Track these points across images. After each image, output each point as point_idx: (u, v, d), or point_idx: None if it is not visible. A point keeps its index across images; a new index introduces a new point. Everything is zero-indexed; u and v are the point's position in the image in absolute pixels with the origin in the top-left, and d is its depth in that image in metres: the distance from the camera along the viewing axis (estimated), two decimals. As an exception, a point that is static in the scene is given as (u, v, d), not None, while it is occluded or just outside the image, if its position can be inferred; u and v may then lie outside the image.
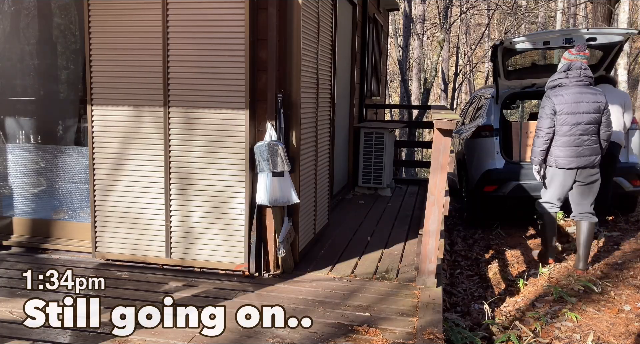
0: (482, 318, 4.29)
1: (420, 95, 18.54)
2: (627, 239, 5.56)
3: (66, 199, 4.65)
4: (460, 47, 25.61)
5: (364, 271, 4.24)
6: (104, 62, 4.11)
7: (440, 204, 3.79)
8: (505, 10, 21.66)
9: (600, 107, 4.59)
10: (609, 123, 4.69)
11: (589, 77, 4.66)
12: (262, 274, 4.10)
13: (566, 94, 4.61)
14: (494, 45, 6.44)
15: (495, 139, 6.54)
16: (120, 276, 4.01)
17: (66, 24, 4.69)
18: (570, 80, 4.65)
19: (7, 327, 3.14)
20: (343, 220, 5.87)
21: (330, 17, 5.14)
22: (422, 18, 19.71)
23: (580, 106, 4.57)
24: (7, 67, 4.69)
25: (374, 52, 9.00)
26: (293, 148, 4.08)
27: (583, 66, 4.65)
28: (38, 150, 4.72)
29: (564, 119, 4.59)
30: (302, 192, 4.31)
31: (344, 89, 6.94)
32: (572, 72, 4.65)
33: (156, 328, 3.13)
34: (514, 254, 5.83)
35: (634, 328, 3.77)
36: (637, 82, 17.56)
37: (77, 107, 4.67)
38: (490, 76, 21.24)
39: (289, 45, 3.97)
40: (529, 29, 22.90)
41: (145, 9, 3.99)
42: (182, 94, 4.01)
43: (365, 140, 7.33)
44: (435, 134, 3.72)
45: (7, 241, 4.62)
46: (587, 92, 4.60)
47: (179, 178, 4.09)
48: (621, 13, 10.91)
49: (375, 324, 3.26)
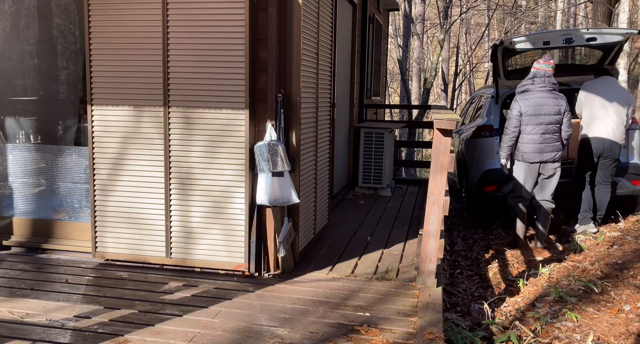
0: (482, 318, 4.29)
1: (420, 95, 18.55)
2: (627, 239, 5.56)
3: (66, 199, 4.65)
4: (460, 47, 25.62)
5: (364, 271, 4.24)
6: (104, 62, 4.11)
7: (440, 204, 3.79)
8: (505, 10, 21.66)
9: (561, 110, 5.32)
10: (570, 124, 5.40)
11: (553, 83, 5.38)
12: (262, 274, 4.11)
13: (531, 98, 5.37)
14: (494, 45, 6.44)
15: (495, 139, 6.55)
16: (120, 276, 4.01)
17: (66, 24, 4.69)
18: (536, 86, 5.39)
19: (7, 327, 3.14)
20: (343, 220, 5.87)
21: (330, 17, 5.14)
22: (422, 18, 19.71)
23: (543, 109, 5.31)
24: (7, 67, 4.69)
25: (374, 52, 9.00)
26: (293, 148, 4.08)
27: (547, 74, 5.38)
28: (38, 150, 4.73)
29: (528, 119, 5.35)
30: (302, 192, 4.31)
31: (344, 89, 6.95)
32: (538, 79, 5.39)
33: (156, 327, 3.14)
34: (514, 254, 5.83)
35: (634, 328, 3.77)
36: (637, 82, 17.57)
37: (77, 107, 4.67)
38: (490, 76, 21.25)
39: (289, 45, 3.97)
40: (529, 29, 22.90)
41: (145, 9, 3.99)
42: (182, 94, 4.01)
43: (365, 140, 7.33)
44: (435, 134, 3.72)
45: (7, 241, 4.63)
46: (550, 96, 5.34)
47: (179, 178, 4.09)
48: (621, 13, 10.91)
49: (375, 324, 3.26)
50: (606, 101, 5.92)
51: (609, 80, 6.13)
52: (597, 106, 5.95)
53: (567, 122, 5.39)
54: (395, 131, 8.59)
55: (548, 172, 5.47)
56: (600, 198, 6.11)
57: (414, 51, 20.84)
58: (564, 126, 5.39)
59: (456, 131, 7.95)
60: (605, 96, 5.94)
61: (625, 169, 6.29)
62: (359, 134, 7.35)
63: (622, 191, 6.29)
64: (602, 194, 6.10)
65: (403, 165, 12.22)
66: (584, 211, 6.05)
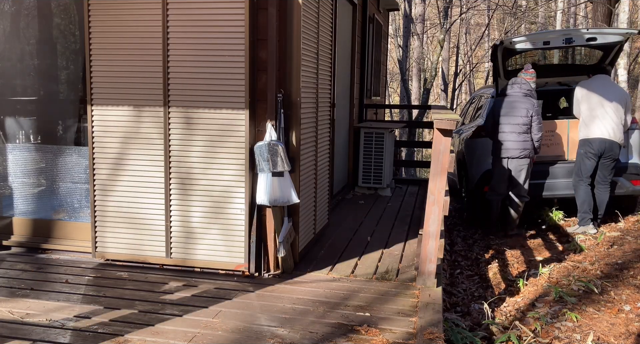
0: (482, 318, 4.29)
1: (420, 95, 18.55)
2: (627, 239, 5.56)
3: (66, 199, 4.65)
4: (460, 47, 25.61)
5: (364, 271, 4.24)
6: (104, 62, 4.11)
7: (440, 204, 3.79)
8: (505, 10, 21.66)
9: (529, 113, 5.98)
10: (539, 128, 6.01)
11: (527, 90, 6.07)
12: (262, 274, 4.10)
13: (506, 101, 6.12)
14: (494, 45, 6.45)
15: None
16: (120, 276, 4.01)
17: (66, 24, 4.69)
18: (512, 91, 6.13)
19: (7, 327, 3.14)
20: (343, 220, 5.87)
21: (330, 17, 5.14)
22: (422, 18, 19.70)
23: (514, 111, 6.02)
24: (7, 67, 4.69)
25: (374, 52, 9.00)
26: (293, 148, 4.08)
27: (523, 81, 6.12)
28: (38, 150, 4.72)
29: (501, 119, 6.09)
30: (302, 192, 4.31)
31: (344, 89, 6.95)
32: (515, 86, 6.14)
33: (156, 327, 3.14)
34: (514, 254, 5.83)
35: (634, 328, 3.77)
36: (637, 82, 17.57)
37: (77, 107, 4.67)
38: (490, 76, 21.24)
39: (289, 45, 3.97)
40: (529, 29, 22.90)
41: (145, 9, 3.99)
42: (182, 94, 4.01)
43: (365, 140, 7.33)
44: (435, 134, 3.71)
45: (7, 241, 4.63)
46: (522, 101, 6.04)
47: (179, 178, 4.09)
48: (621, 13, 10.91)
49: (375, 324, 3.26)
50: (605, 100, 5.92)
51: (604, 78, 6.13)
52: (595, 105, 5.95)
53: (536, 126, 5.99)
54: (395, 131, 8.58)
55: (516, 169, 6.08)
56: (599, 198, 6.11)
57: (414, 51, 20.83)
58: (533, 129, 6.01)
59: (456, 131, 7.95)
60: (603, 94, 5.94)
61: (624, 168, 6.29)
62: (359, 134, 7.35)
63: (621, 191, 6.29)
64: (602, 194, 6.10)
65: (403, 165, 12.22)
66: (583, 212, 6.04)
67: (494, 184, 6.28)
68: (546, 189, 6.43)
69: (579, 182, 6.08)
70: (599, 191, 6.10)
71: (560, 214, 6.82)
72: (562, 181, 6.39)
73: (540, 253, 5.71)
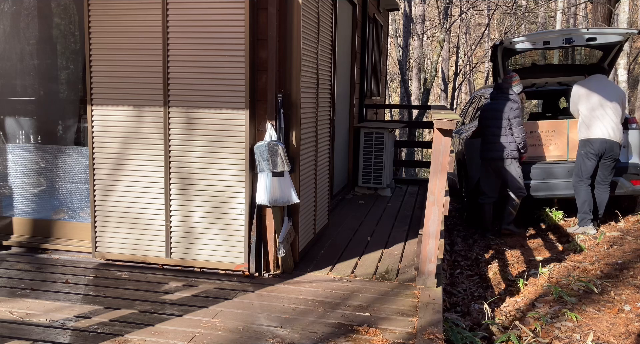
0: (482, 318, 4.29)
1: (420, 95, 18.55)
2: (627, 239, 5.56)
3: (66, 199, 4.65)
4: (460, 47, 25.61)
5: (364, 271, 4.24)
6: (104, 62, 4.11)
7: (440, 204, 3.79)
8: (505, 10, 21.66)
9: (507, 116, 6.11)
10: (519, 130, 6.09)
11: (508, 94, 6.19)
12: (262, 274, 4.11)
13: (488, 104, 6.35)
14: (494, 45, 6.45)
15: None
16: (120, 276, 4.01)
17: (66, 24, 4.69)
18: (494, 94, 6.32)
19: (7, 327, 3.14)
20: (343, 220, 5.87)
21: (330, 17, 5.14)
22: (422, 18, 19.71)
23: (495, 114, 6.18)
24: (7, 67, 4.69)
25: (373, 52, 9.00)
26: (293, 148, 4.08)
27: (504, 86, 6.25)
28: (38, 150, 4.72)
29: (484, 122, 6.29)
30: (302, 192, 4.31)
31: (344, 89, 6.95)
32: (496, 89, 6.32)
33: (156, 327, 3.14)
34: (514, 254, 5.83)
35: (634, 328, 3.77)
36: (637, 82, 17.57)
37: (77, 107, 4.67)
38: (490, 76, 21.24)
39: (289, 45, 3.97)
40: (529, 29, 22.90)
41: (145, 9, 3.99)
42: (182, 94, 4.01)
43: (365, 140, 7.33)
44: (435, 134, 3.71)
45: (7, 241, 4.63)
46: (501, 104, 6.17)
47: (179, 178, 4.09)
48: (621, 13, 10.91)
49: (375, 324, 3.26)
50: (605, 100, 5.92)
51: (601, 78, 6.13)
52: (595, 105, 5.95)
53: (516, 129, 6.10)
54: (395, 131, 8.58)
55: (497, 170, 6.22)
56: (599, 198, 6.11)
57: (414, 51, 20.84)
58: (513, 132, 6.13)
59: (456, 131, 7.95)
60: (603, 94, 5.94)
61: (624, 168, 6.29)
62: (359, 134, 7.35)
63: (621, 191, 6.29)
64: (602, 194, 6.10)
65: (403, 165, 12.21)
66: (583, 212, 6.04)
67: (482, 187, 6.40)
68: (546, 189, 6.43)
69: (579, 183, 6.08)
70: (599, 191, 6.10)
71: (560, 214, 6.82)
72: (562, 181, 6.39)
73: (540, 253, 5.71)
